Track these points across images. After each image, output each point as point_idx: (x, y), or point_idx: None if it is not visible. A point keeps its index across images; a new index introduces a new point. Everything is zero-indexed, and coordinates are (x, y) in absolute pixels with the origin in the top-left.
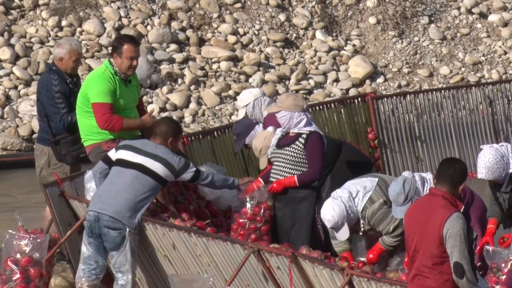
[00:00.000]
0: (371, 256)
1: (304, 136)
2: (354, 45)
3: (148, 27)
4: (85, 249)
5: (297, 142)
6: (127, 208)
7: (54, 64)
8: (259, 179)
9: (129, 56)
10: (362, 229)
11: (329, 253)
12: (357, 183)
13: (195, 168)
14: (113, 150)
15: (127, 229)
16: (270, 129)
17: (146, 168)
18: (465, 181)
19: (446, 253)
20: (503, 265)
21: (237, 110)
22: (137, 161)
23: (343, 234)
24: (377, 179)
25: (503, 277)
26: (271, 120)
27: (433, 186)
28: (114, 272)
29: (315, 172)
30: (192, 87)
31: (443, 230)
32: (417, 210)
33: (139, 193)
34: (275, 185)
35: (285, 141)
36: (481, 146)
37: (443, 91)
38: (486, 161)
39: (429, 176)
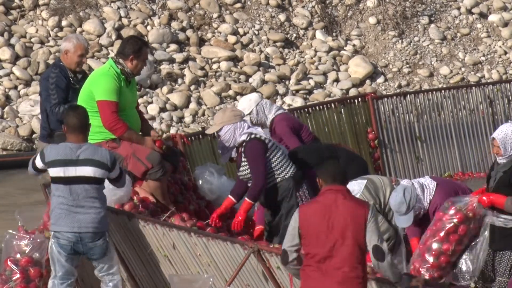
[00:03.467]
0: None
1: (243, 149)
2: (354, 45)
3: (148, 27)
4: (63, 265)
5: (243, 159)
6: (100, 218)
7: (60, 60)
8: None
9: (146, 59)
10: None
11: None
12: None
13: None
14: (39, 161)
15: (106, 233)
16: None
17: (89, 178)
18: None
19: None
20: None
21: None
22: (79, 174)
23: None
24: (365, 181)
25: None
26: (280, 123)
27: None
28: (100, 276)
29: (258, 181)
30: (192, 87)
31: (367, 217)
32: (319, 210)
33: (99, 200)
34: (238, 219)
35: (238, 161)
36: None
37: (443, 91)
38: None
39: (427, 181)
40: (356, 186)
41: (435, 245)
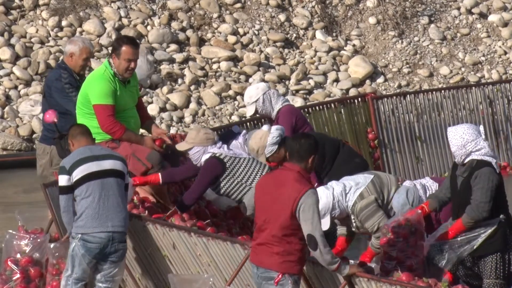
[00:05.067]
0: (366, 260)
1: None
2: (354, 45)
3: (148, 27)
4: (83, 268)
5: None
6: (127, 218)
7: (63, 62)
8: None
9: (127, 58)
10: (354, 224)
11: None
12: (353, 178)
13: None
14: (63, 176)
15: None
16: (265, 128)
17: (117, 171)
18: (314, 155)
19: (296, 225)
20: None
21: (237, 110)
22: (108, 167)
23: (324, 225)
24: (372, 176)
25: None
26: (285, 114)
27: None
28: (102, 281)
29: (192, 195)
30: (192, 87)
31: (297, 204)
32: (270, 183)
33: (125, 198)
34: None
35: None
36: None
37: (443, 91)
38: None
39: (429, 182)
40: (362, 179)
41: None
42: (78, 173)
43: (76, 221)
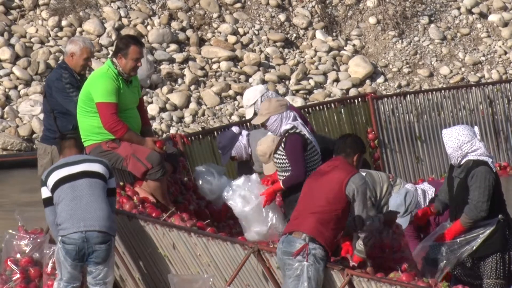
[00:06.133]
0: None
1: (284, 139)
2: (354, 45)
3: (148, 27)
4: (68, 271)
5: (280, 148)
6: (106, 217)
7: (64, 62)
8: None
9: (135, 57)
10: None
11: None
12: None
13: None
14: (43, 188)
15: (112, 238)
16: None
17: (90, 172)
18: (361, 152)
19: (340, 206)
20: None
21: (237, 110)
22: (78, 170)
23: None
24: (364, 174)
25: None
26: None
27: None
28: (93, 284)
29: (298, 174)
30: (192, 87)
31: (345, 184)
32: (319, 172)
33: (103, 198)
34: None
35: (277, 145)
36: None
37: (443, 91)
38: None
39: (426, 187)
40: None
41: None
42: (51, 181)
43: (58, 225)
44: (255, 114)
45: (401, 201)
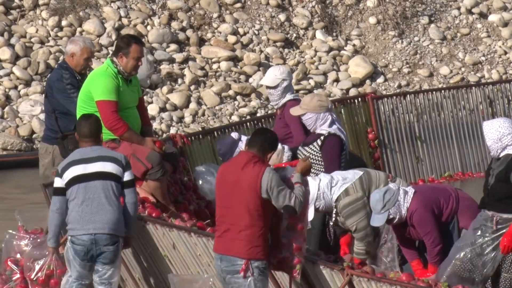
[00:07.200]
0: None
1: (322, 138)
2: (354, 45)
3: (148, 27)
4: (77, 270)
5: (314, 143)
6: (116, 220)
7: (65, 62)
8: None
9: (136, 56)
10: (333, 219)
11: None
12: (342, 173)
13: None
14: (56, 179)
15: (120, 239)
16: (280, 147)
17: (104, 174)
18: (273, 150)
19: (262, 206)
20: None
21: (237, 110)
22: (93, 170)
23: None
24: (362, 172)
25: None
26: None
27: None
28: (98, 283)
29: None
30: (192, 87)
31: (260, 183)
32: (229, 169)
33: (114, 200)
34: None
35: (308, 140)
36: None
37: (443, 91)
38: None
39: (407, 188)
40: (350, 175)
41: None
42: (67, 176)
43: (67, 224)
44: (275, 87)
45: (380, 196)
